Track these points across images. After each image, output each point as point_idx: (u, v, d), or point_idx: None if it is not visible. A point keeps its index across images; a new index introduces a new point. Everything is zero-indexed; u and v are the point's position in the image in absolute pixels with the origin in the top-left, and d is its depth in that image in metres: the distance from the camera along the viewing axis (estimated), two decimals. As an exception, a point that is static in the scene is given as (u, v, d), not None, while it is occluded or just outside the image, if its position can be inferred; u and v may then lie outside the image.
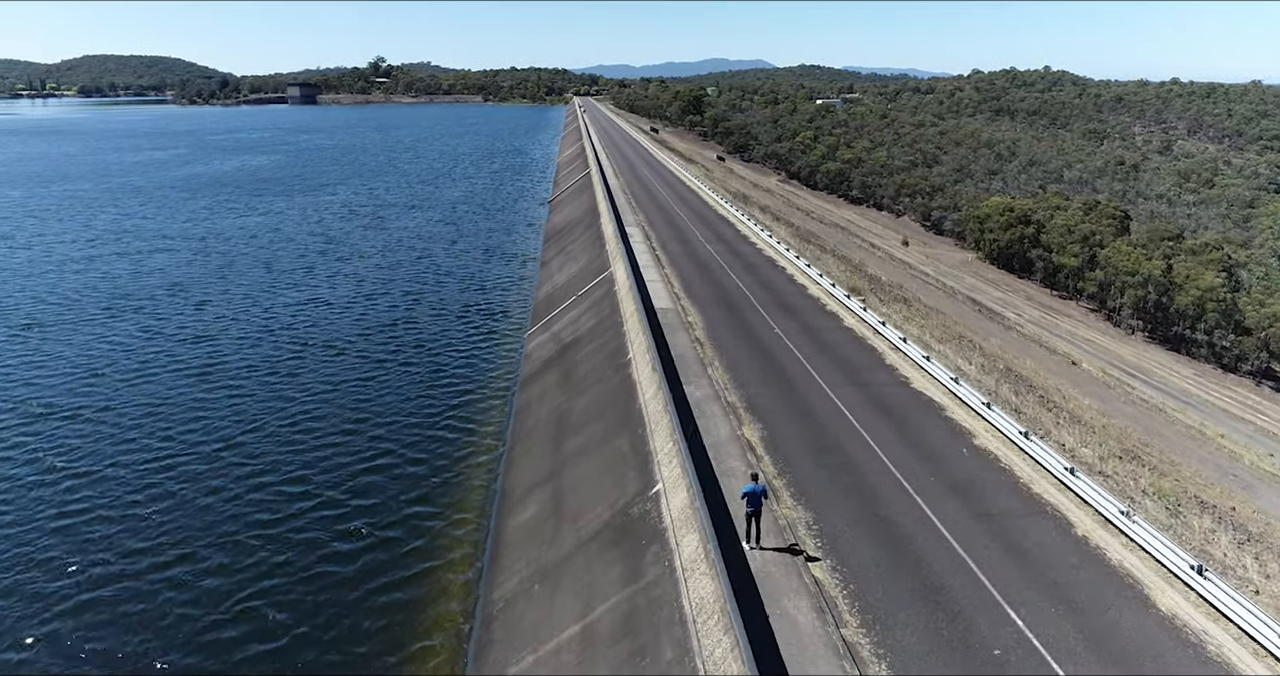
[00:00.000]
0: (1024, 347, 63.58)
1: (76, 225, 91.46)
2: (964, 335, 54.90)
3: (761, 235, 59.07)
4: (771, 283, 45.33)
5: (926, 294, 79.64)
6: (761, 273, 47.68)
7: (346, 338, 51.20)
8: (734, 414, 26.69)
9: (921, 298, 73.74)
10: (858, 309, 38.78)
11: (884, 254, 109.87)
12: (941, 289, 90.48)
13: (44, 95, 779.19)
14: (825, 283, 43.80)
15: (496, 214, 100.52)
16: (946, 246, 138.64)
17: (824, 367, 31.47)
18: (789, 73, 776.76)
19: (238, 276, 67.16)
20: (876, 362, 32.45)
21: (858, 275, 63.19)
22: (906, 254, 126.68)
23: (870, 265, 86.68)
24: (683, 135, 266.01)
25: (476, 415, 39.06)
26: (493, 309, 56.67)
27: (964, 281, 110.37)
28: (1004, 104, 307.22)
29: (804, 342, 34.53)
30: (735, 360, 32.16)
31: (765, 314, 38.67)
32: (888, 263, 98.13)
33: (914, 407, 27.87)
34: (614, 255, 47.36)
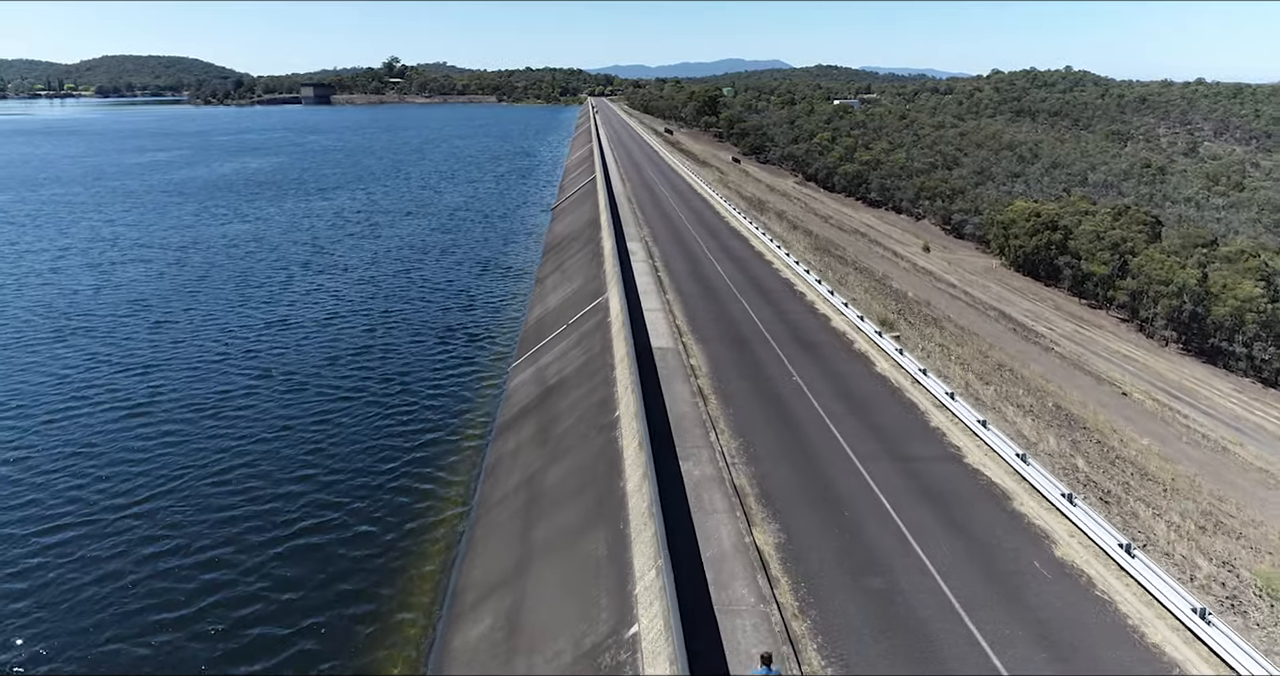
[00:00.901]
0: (1068, 375, 57.65)
1: (53, 233, 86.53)
2: (1004, 363, 49.13)
3: (778, 253, 53.03)
4: (789, 313, 39.33)
5: (955, 310, 73.99)
6: (778, 300, 41.69)
7: (310, 367, 45.61)
8: (741, 506, 20.75)
9: (952, 316, 68.01)
10: (891, 350, 32.73)
11: (907, 263, 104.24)
12: (970, 303, 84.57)
13: (62, 95, 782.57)
14: (851, 314, 37.75)
15: (497, 222, 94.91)
16: (968, 251, 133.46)
17: (855, 433, 25.48)
18: (805, 73, 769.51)
19: (208, 292, 61.78)
20: (919, 426, 26.41)
21: (883, 294, 57.28)
22: (929, 261, 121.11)
23: (894, 278, 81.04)
24: (697, 136, 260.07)
25: (442, 470, 33.30)
26: (478, 333, 50.93)
27: (990, 291, 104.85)
28: (1024, 105, 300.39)
29: (829, 396, 28.54)
30: (745, 421, 26.21)
31: (782, 354, 32.67)
32: (912, 274, 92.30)
33: (971, 497, 21.83)
34: (610, 279, 41.52)
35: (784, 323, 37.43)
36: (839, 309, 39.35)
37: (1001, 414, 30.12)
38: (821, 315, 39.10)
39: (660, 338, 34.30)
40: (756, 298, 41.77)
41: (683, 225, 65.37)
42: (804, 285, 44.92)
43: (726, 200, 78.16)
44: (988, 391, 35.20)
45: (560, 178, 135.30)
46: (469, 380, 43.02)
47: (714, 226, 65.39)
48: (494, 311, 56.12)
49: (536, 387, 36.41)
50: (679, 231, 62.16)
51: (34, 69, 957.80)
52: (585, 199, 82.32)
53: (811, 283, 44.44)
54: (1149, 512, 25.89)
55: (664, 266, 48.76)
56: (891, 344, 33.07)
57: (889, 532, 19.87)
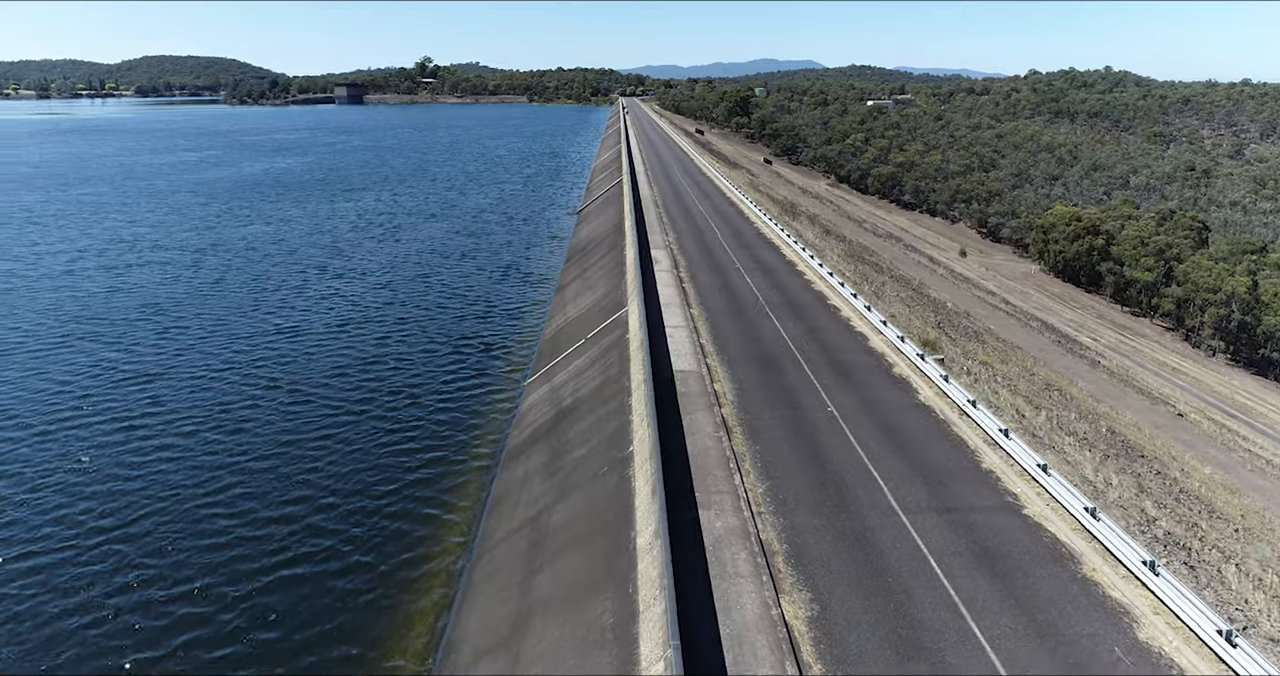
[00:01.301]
0: (1118, 393, 54.26)
1: (75, 233, 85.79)
2: (1052, 382, 45.97)
3: (810, 263, 50.08)
4: (823, 330, 36.47)
5: (997, 321, 70.70)
6: (810, 315, 38.85)
7: (318, 378, 43.57)
8: (769, 568, 18.07)
9: (993, 328, 64.77)
10: (936, 376, 29.80)
11: (944, 269, 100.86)
12: (1010, 313, 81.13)
13: (103, 95, 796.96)
14: (891, 333, 34.82)
15: (521, 225, 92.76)
16: (1005, 255, 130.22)
17: (898, 476, 22.67)
18: (839, 73, 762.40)
19: (221, 297, 60.16)
20: (969, 467, 23.53)
21: (922, 306, 54.19)
22: (966, 267, 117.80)
23: (931, 286, 77.88)
24: (729, 137, 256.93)
25: (447, 496, 30.96)
26: (494, 344, 48.60)
27: (1030, 299, 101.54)
28: (1063, 106, 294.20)
29: (868, 430, 25.72)
30: (774, 461, 23.49)
31: (815, 380, 29.88)
32: (949, 282, 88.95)
33: (1034, 559, 18.95)
34: (631, 291, 38.94)
35: (817, 342, 34.61)
36: (877, 327, 36.43)
37: (1058, 450, 27.18)
38: (858, 333, 36.19)
39: (682, 358, 31.63)
40: (787, 313, 38.95)
41: (710, 231, 62.61)
42: (838, 299, 42.00)
43: (757, 205, 75.25)
44: (1039, 419, 32.22)
45: (587, 179, 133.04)
46: (481, 396, 40.69)
47: (743, 233, 62.56)
48: (512, 321, 53.82)
49: (550, 408, 33.95)
50: (706, 238, 59.42)
51: (78, 69, 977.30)
52: (611, 203, 79.84)
53: (846, 296, 41.50)
54: (1219, 560, 22.88)
55: (689, 277, 46.05)
56: (936, 369, 30.13)
57: (940, 604, 17.09)
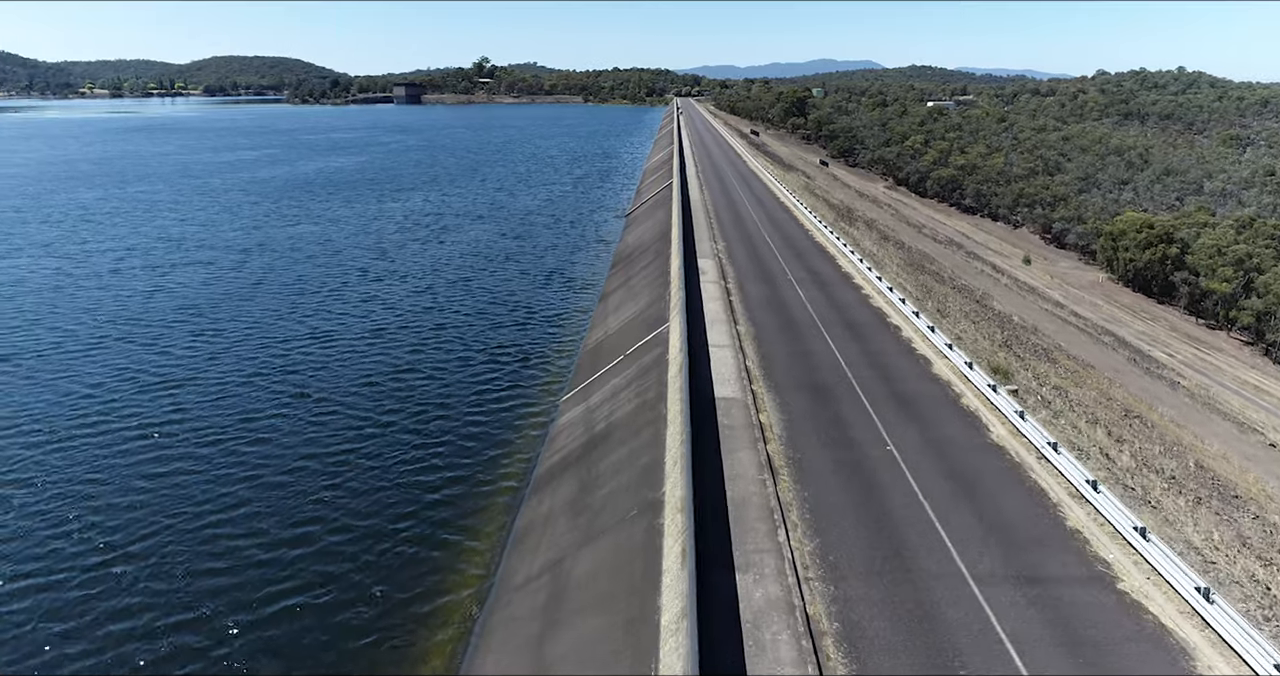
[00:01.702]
0: (1203, 419, 50.08)
1: (125, 231, 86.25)
2: (1131, 408, 42.26)
3: (868, 275, 46.82)
4: (881, 353, 33.40)
5: (1067, 336, 66.70)
6: (868, 335, 35.76)
7: (347, 388, 41.83)
8: (815, 655, 15.28)
9: (1063, 344, 60.87)
10: (1010, 410, 26.59)
11: (1008, 279, 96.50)
12: (1080, 327, 76.80)
13: (172, 94, 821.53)
14: (957, 358, 31.61)
15: (568, 228, 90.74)
16: (1070, 262, 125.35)
17: (968, 536, 19.68)
18: (899, 74, 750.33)
19: (259, 299, 59.11)
20: (1051, 525, 20.42)
21: (988, 321, 50.65)
22: (1030, 275, 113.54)
23: (996, 298, 73.96)
24: (784, 138, 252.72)
25: (468, 522, 28.74)
26: (531, 355, 46.41)
27: (1099, 310, 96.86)
28: (1133, 107, 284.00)
29: (932, 475, 22.74)
30: (824, 512, 20.67)
31: (872, 412, 26.92)
32: (1014, 293, 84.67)
33: (1139, 653, 15.79)
34: (674, 306, 36.34)
35: (875, 366, 31.58)
36: (941, 350, 33.23)
37: (1148, 497, 23.86)
38: (920, 357, 33.05)
39: (726, 384, 28.92)
40: (843, 332, 35.93)
41: (762, 239, 59.62)
42: (898, 317, 38.81)
43: (812, 210, 72.00)
44: (1123, 458, 28.82)
45: (638, 181, 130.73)
46: (514, 412, 38.46)
47: (796, 241, 59.45)
48: (552, 329, 51.57)
49: (583, 432, 31.53)
50: (757, 246, 56.45)
51: (150, 69, 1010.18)
52: (660, 206, 77.30)
53: (908, 314, 38.30)
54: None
55: (737, 289, 43.22)
56: (1009, 402, 26.93)
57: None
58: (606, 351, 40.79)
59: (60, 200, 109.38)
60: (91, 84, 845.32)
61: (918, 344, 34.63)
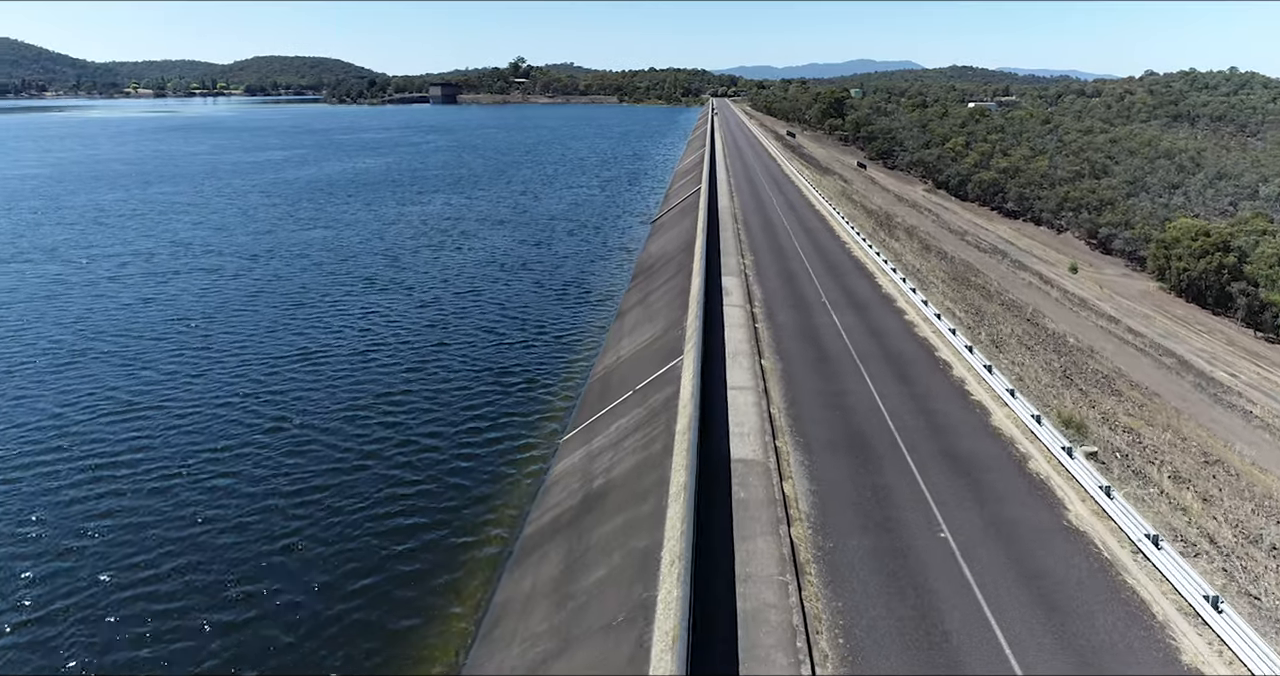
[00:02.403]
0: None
1: (135, 235, 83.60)
2: (1209, 451, 37.06)
3: (912, 298, 41.67)
4: (930, 398, 28.49)
5: (1126, 359, 61.26)
6: (915, 376, 30.84)
7: (330, 418, 37.82)
8: None
9: (1124, 369, 55.42)
10: (1091, 483, 21.68)
11: (1057, 291, 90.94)
12: (1141, 347, 71.15)
13: (214, 94, 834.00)
14: (1021, 409, 26.56)
15: (591, 235, 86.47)
16: (1117, 269, 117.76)
17: (1051, 670, 14.95)
18: (939, 74, 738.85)
19: (256, 310, 55.56)
20: (1163, 658, 15.59)
21: (1043, 346, 45.55)
22: (1079, 285, 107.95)
23: (1047, 313, 68.67)
24: (821, 140, 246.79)
25: (435, 605, 24.34)
26: (536, 382, 42.05)
27: (1153, 324, 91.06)
28: (1182, 109, 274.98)
29: (1001, 577, 17.92)
30: (863, 635, 15.94)
31: (923, 482, 22.11)
32: (1065, 307, 79.19)
33: None
34: (690, 337, 31.78)
35: (923, 415, 26.74)
36: (1000, 396, 28.22)
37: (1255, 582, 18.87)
38: (975, 404, 28.11)
39: (745, 439, 24.26)
40: (884, 369, 31.05)
41: (794, 252, 54.69)
42: (948, 351, 33.79)
43: (849, 220, 66.90)
44: (1224, 534, 23.82)
45: (668, 184, 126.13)
46: (510, 452, 34.12)
47: (832, 255, 54.46)
48: (562, 350, 47.20)
49: (580, 486, 27.10)
50: (788, 261, 51.53)
51: (194, 69, 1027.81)
52: (686, 214, 72.66)
53: (959, 348, 33.28)
54: None
55: (764, 315, 38.42)
56: (1090, 472, 21.98)
57: None
58: (616, 383, 36.31)
59: (79, 201, 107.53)
60: (136, 84, 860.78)
61: (972, 386, 29.66)
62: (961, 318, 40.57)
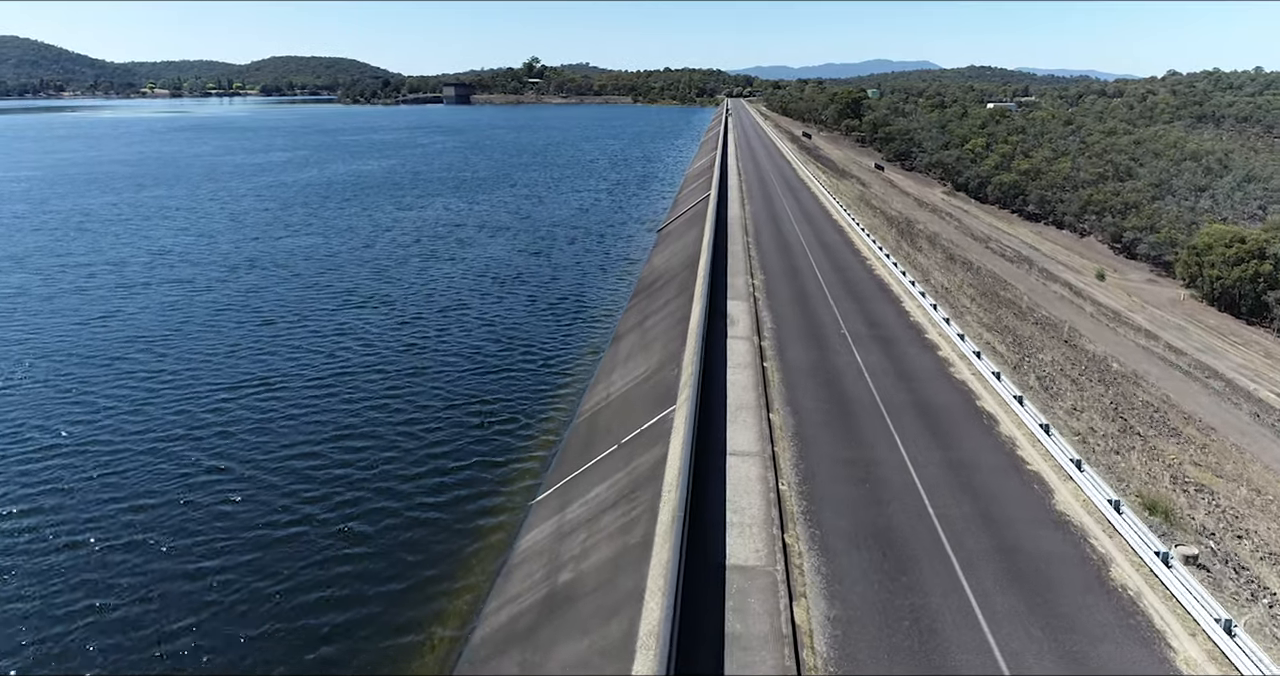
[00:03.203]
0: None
1: (114, 242, 79.34)
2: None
3: (946, 330, 36.16)
4: (978, 470, 23.17)
5: (1173, 384, 56.10)
6: (955, 434, 25.49)
7: (277, 460, 33.03)
8: None
9: (1172, 396, 50.34)
10: (1203, 612, 16.41)
11: (1089, 303, 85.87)
12: (1185, 367, 65.88)
13: (230, 94, 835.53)
14: (1094, 492, 21.23)
15: (594, 244, 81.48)
16: (1141, 274, 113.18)
17: None
18: (956, 74, 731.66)
19: (221, 328, 50.92)
20: None
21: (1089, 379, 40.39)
22: (1109, 294, 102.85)
23: (1084, 331, 63.58)
24: (838, 141, 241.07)
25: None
26: (515, 423, 36.94)
27: (1189, 337, 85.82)
28: (1207, 109, 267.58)
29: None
30: None
31: (975, 601, 16.92)
32: (1101, 324, 74.03)
33: None
34: (685, 384, 26.71)
35: (968, 493, 21.51)
36: (1063, 466, 22.91)
37: None
38: (1032, 476, 22.81)
39: (745, 536, 19.04)
40: (920, 429, 25.76)
41: (809, 270, 49.37)
42: (993, 400, 28.38)
43: (870, 232, 61.56)
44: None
45: (677, 189, 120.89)
46: (473, 517, 29.05)
47: (851, 272, 49.11)
48: (548, 382, 42.12)
49: (545, 576, 22.06)
50: (803, 281, 46.20)
51: (212, 69, 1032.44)
52: (694, 224, 67.49)
53: (1005, 398, 27.90)
54: None
55: (775, 352, 33.14)
56: (1199, 595, 16.72)
57: None
58: (601, 429, 31.23)
59: (65, 206, 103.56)
60: (153, 84, 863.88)
61: (1025, 450, 24.34)
62: (1003, 353, 35.22)
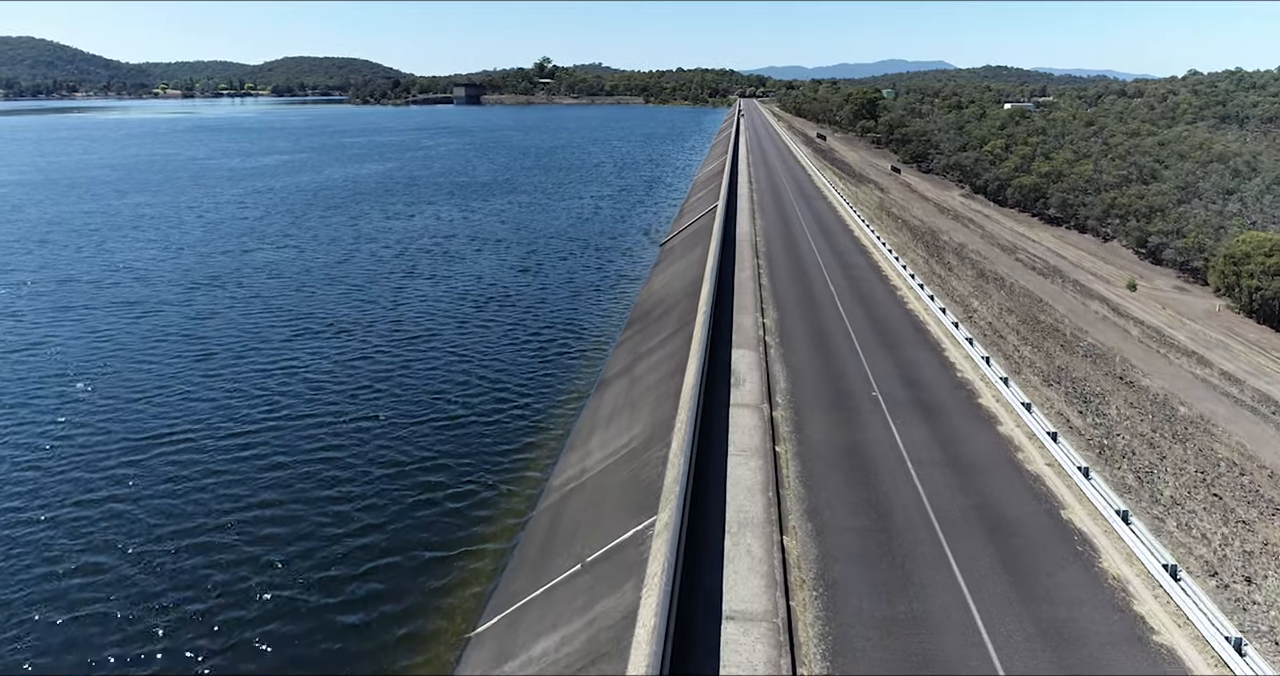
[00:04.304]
0: None
1: (71, 256, 73.18)
2: None
3: (1003, 392, 29.00)
4: (1082, 637, 16.25)
5: (1241, 424, 48.93)
6: (1038, 566, 18.51)
7: (150, 554, 26.24)
8: None
9: (1247, 444, 42.86)
10: None
11: (1131, 321, 78.80)
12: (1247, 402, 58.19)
13: (241, 94, 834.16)
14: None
15: (592, 258, 74.62)
16: (1167, 280, 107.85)
17: None
18: (972, 74, 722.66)
19: (147, 367, 44.22)
20: None
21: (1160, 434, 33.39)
22: (1145, 307, 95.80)
23: (1135, 363, 56.36)
24: (853, 142, 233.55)
25: None
26: (461, 516, 29.10)
27: (1235, 356, 78.61)
28: (1230, 110, 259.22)
29: None
30: None
31: None
32: (1151, 351, 66.70)
33: None
34: (669, 493, 19.86)
35: (1044, 640, 14.58)
36: (1214, 644, 15.96)
37: None
38: (1160, 651, 15.89)
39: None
40: (993, 563, 18.60)
41: (831, 305, 42.19)
42: (1083, 511, 21.39)
43: (898, 254, 54.42)
44: None
45: (684, 198, 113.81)
46: (393, 649, 22.22)
47: (881, 308, 41.89)
48: (515, 445, 34.82)
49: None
50: (824, 321, 39.04)
51: (225, 70, 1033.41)
52: (698, 241, 60.51)
53: (1103, 511, 20.92)
54: None
55: (791, 429, 25.94)
56: None
57: None
58: (565, 531, 24.36)
59: (36, 214, 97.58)
60: (165, 84, 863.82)
61: (1144, 604, 17.22)
62: (1078, 425, 28.07)
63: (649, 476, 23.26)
